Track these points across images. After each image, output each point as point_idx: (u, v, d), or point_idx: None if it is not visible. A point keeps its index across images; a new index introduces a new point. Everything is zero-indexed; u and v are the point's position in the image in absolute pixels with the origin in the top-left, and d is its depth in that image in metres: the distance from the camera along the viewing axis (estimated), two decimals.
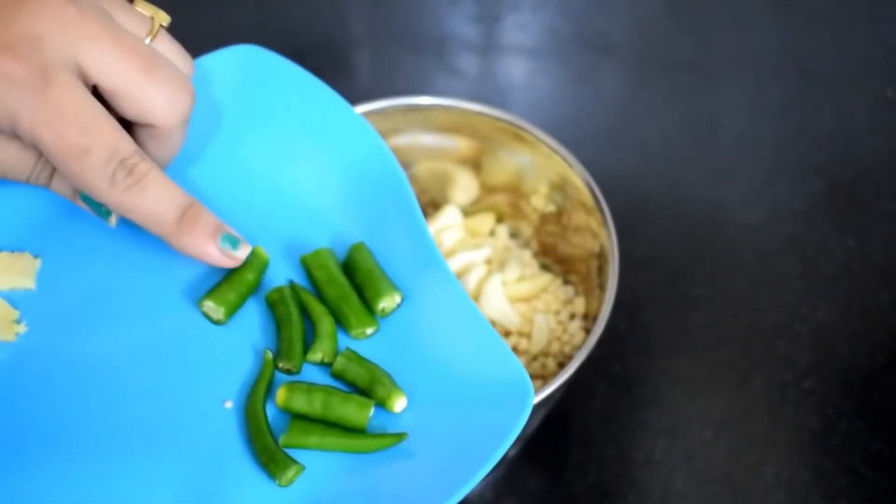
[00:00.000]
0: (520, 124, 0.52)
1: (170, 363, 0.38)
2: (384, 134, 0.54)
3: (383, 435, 0.37)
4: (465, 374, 0.37)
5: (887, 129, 0.70)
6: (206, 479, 0.35)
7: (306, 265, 0.41)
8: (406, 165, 0.56)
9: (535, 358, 0.52)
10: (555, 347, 0.52)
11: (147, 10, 0.37)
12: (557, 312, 0.53)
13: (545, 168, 0.53)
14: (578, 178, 0.51)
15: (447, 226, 0.56)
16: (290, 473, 0.35)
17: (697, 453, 0.54)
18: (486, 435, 0.35)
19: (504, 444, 0.35)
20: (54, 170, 0.37)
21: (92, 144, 0.33)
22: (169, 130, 0.37)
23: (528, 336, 0.52)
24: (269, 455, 0.35)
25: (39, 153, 0.36)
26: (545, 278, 0.54)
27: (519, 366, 0.37)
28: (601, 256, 0.50)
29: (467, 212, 0.57)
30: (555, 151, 0.52)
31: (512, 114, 0.53)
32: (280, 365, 0.38)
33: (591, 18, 0.76)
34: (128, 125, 0.37)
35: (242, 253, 0.37)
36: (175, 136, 0.38)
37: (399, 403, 0.37)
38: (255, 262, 0.39)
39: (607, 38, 0.75)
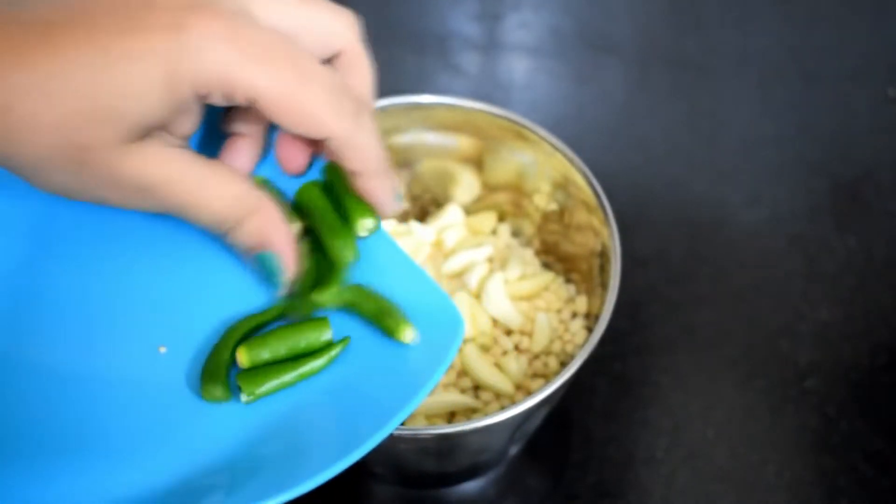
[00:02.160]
0: (522, 123, 0.52)
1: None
2: (386, 133, 0.54)
3: (329, 345, 0.37)
4: (406, 308, 0.39)
5: (889, 128, 0.70)
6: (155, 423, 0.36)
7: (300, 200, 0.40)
8: (408, 164, 0.56)
9: (536, 357, 0.52)
10: (556, 346, 0.52)
11: None
12: (559, 311, 0.53)
13: (547, 167, 0.53)
14: (580, 177, 0.51)
15: (449, 224, 0.56)
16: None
17: (699, 452, 0.54)
18: (422, 364, 0.37)
19: (439, 370, 0.36)
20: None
21: (311, 76, 0.32)
22: (359, 52, 0.37)
23: (530, 335, 0.52)
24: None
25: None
26: (547, 277, 0.54)
27: (449, 301, 0.39)
28: (603, 255, 0.50)
29: (469, 210, 0.57)
30: (557, 150, 0.52)
31: (514, 112, 0.53)
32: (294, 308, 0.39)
33: (594, 17, 0.76)
34: None
35: (401, 206, 0.39)
36: (365, 58, 0.38)
37: (408, 333, 0.37)
38: None
39: (609, 37, 0.75)
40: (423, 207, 0.58)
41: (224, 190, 0.34)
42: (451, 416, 0.49)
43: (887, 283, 0.61)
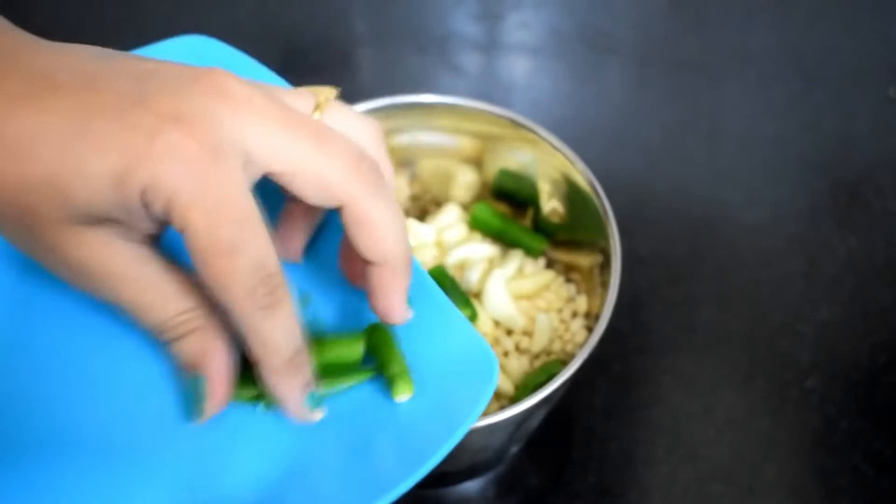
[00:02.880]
0: (522, 122, 0.52)
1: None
2: (387, 132, 0.54)
3: (357, 362, 0.36)
4: (435, 351, 0.37)
5: (890, 128, 0.70)
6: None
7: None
8: (408, 163, 0.56)
9: (536, 356, 0.52)
10: (557, 346, 0.52)
11: (310, 90, 0.36)
12: (560, 311, 0.53)
13: (547, 166, 0.53)
14: (580, 177, 0.51)
15: (449, 224, 0.56)
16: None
17: (699, 452, 0.54)
18: (457, 407, 0.35)
19: (474, 413, 0.34)
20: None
21: (243, 246, 0.30)
22: (362, 208, 0.33)
23: (530, 335, 0.52)
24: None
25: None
26: (547, 276, 0.54)
27: (482, 340, 0.37)
28: (603, 255, 0.50)
29: (469, 210, 0.57)
30: (557, 150, 0.52)
31: (514, 112, 0.53)
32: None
33: (594, 17, 0.77)
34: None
35: (316, 416, 0.35)
36: (379, 215, 0.33)
37: (403, 394, 0.36)
38: None
39: (610, 37, 0.75)
40: (423, 207, 0.58)
41: (168, 302, 0.33)
42: None
43: (887, 283, 0.61)
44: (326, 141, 0.32)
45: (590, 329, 0.52)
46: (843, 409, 0.56)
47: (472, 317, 0.50)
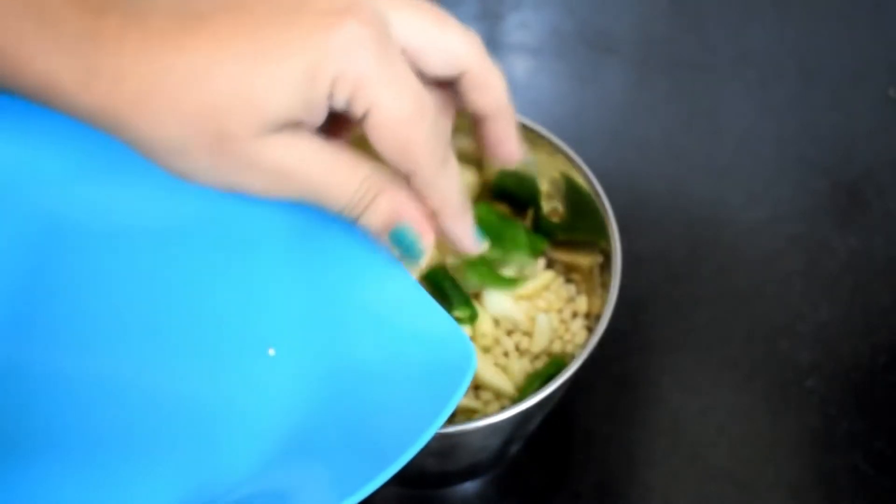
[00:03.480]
0: (522, 123, 0.52)
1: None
2: None
3: None
4: (409, 339, 0.38)
5: (889, 128, 0.70)
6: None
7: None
8: None
9: (537, 357, 0.52)
10: (557, 346, 0.52)
11: None
12: (560, 311, 0.53)
13: (547, 166, 0.53)
14: (580, 177, 0.51)
15: None
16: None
17: (699, 452, 0.54)
18: (429, 399, 0.36)
19: (448, 406, 0.35)
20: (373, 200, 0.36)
21: (425, 112, 0.33)
22: (481, 71, 0.37)
23: (530, 335, 0.52)
24: None
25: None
26: (547, 276, 0.54)
27: (458, 329, 0.38)
28: (603, 255, 0.50)
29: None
30: (557, 150, 0.52)
31: (514, 112, 0.52)
32: None
33: (594, 17, 0.76)
34: None
35: (485, 247, 0.40)
36: (493, 77, 0.38)
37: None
38: None
39: (609, 37, 0.75)
40: None
41: (353, 174, 0.35)
42: (452, 416, 0.49)
43: (887, 283, 0.61)
44: (447, 21, 0.36)
45: (590, 329, 0.52)
46: (843, 409, 0.56)
47: (473, 317, 0.50)
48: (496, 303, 0.51)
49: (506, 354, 0.51)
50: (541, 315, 0.52)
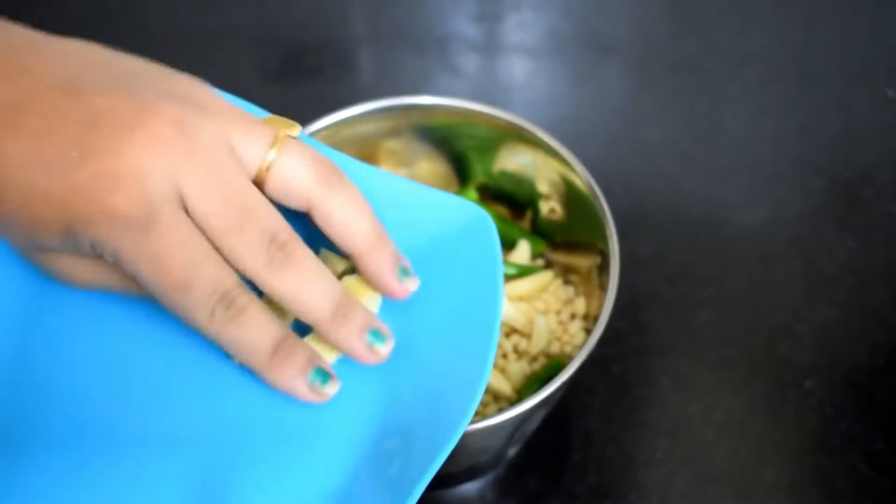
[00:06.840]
0: (521, 124, 0.52)
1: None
2: (386, 133, 0.54)
3: None
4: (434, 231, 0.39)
5: (888, 129, 0.70)
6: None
7: None
8: (407, 165, 0.56)
9: (535, 358, 0.52)
10: (555, 348, 0.52)
11: (275, 123, 0.36)
12: (558, 312, 0.53)
13: (546, 168, 0.53)
14: (579, 178, 0.51)
15: None
16: None
17: (698, 454, 0.54)
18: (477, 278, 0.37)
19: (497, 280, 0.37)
20: None
21: (195, 281, 0.32)
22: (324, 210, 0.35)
23: (529, 336, 0.52)
24: None
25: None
26: (546, 277, 0.54)
27: (466, 202, 0.39)
28: (602, 256, 0.50)
29: None
30: (556, 151, 0.52)
31: (513, 113, 0.53)
32: None
33: (593, 18, 0.77)
34: None
35: (330, 390, 0.35)
36: (340, 213, 0.35)
37: None
38: None
39: (608, 38, 0.75)
40: None
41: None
42: None
43: (887, 283, 0.61)
44: (245, 225, 0.33)
45: (588, 331, 0.52)
46: (842, 411, 0.56)
47: None
48: None
49: (504, 356, 0.51)
50: (539, 317, 0.52)
